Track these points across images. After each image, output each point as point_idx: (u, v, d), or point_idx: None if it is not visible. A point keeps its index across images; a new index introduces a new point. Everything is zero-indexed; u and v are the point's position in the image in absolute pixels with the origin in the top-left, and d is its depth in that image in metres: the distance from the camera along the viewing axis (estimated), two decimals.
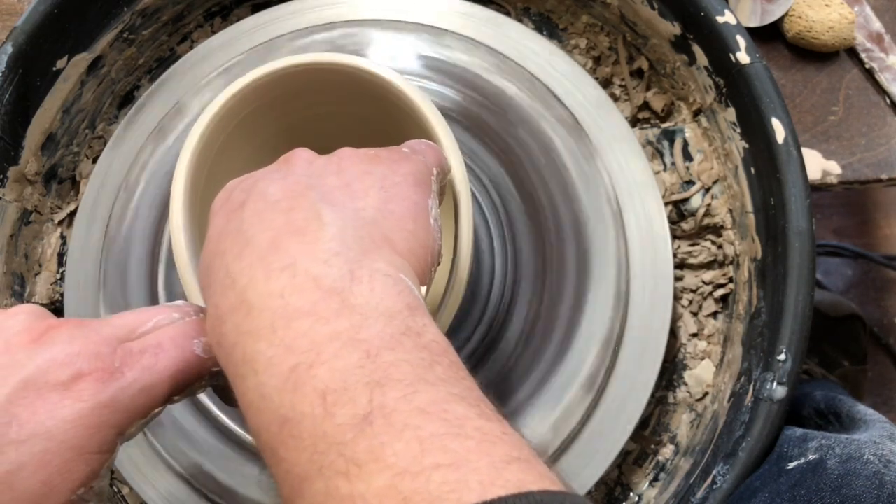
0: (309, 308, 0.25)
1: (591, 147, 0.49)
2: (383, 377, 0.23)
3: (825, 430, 0.48)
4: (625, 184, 0.48)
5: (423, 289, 0.30)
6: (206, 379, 0.31)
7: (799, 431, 0.41)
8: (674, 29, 0.50)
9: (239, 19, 0.56)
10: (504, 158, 0.49)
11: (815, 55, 0.60)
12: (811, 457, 0.39)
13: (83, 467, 0.27)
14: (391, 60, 0.51)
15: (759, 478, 0.40)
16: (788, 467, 0.39)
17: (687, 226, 0.51)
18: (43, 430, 0.26)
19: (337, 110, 0.44)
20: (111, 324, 0.31)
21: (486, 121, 0.49)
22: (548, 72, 0.51)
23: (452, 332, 0.46)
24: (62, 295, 0.53)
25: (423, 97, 0.39)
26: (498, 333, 0.47)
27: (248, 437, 0.46)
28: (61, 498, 0.27)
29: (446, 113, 0.43)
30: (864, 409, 0.49)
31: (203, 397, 0.47)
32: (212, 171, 0.41)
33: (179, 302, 0.34)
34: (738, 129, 0.48)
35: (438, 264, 0.32)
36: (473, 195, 0.48)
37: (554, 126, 0.49)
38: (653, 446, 0.50)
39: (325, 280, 0.26)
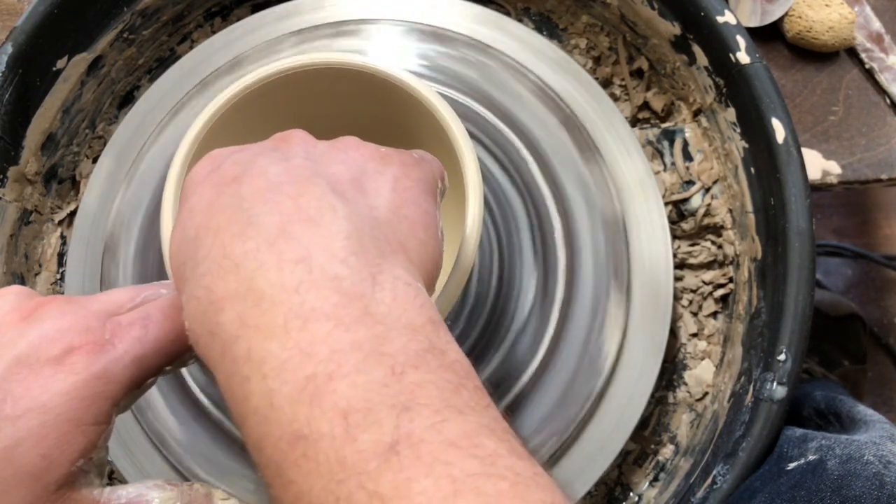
0: (329, 310, 0.23)
1: (591, 146, 0.49)
2: (410, 400, 0.21)
3: (825, 430, 0.48)
4: (625, 184, 0.48)
5: None
6: None
7: (799, 432, 0.41)
8: (674, 29, 0.50)
9: (239, 19, 0.56)
10: (503, 157, 0.49)
11: (815, 55, 0.60)
12: (811, 457, 0.39)
13: (81, 439, 0.27)
14: (393, 61, 0.51)
15: (758, 478, 0.40)
16: (788, 468, 0.39)
17: (687, 226, 0.51)
18: (38, 405, 0.26)
19: (342, 110, 0.44)
20: (100, 299, 0.30)
21: (486, 118, 0.49)
22: (548, 72, 0.51)
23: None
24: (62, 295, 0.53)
25: (439, 98, 0.39)
26: (493, 333, 0.46)
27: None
28: (61, 470, 0.27)
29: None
30: (864, 410, 0.49)
31: (204, 398, 0.47)
32: None
33: (167, 280, 0.33)
34: (738, 129, 0.48)
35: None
36: None
37: (555, 126, 0.49)
38: (653, 446, 0.50)
39: (345, 282, 0.24)
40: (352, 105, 0.43)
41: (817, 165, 0.57)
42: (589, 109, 0.50)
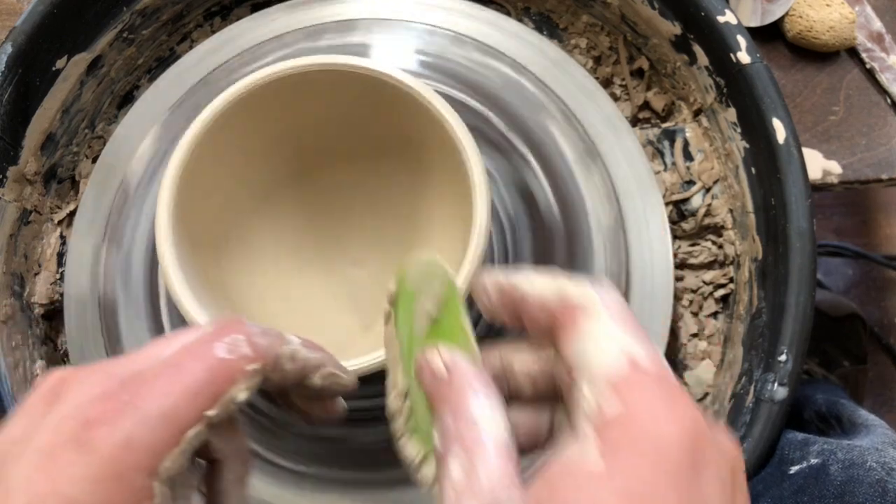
0: None
1: (591, 146, 0.49)
2: None
3: (826, 433, 0.48)
4: (625, 184, 0.48)
5: None
6: (244, 382, 0.27)
7: (800, 436, 0.41)
8: (674, 29, 0.50)
9: (239, 19, 0.56)
10: (503, 155, 0.49)
11: (815, 55, 0.60)
12: (813, 461, 0.39)
13: None
14: (395, 60, 0.51)
15: (760, 481, 0.40)
16: (791, 472, 0.39)
17: (687, 226, 0.51)
18: (66, 500, 0.23)
19: (343, 112, 0.44)
20: (132, 359, 0.27)
21: (487, 118, 0.49)
22: (548, 71, 0.51)
23: None
24: (61, 295, 0.53)
25: (443, 102, 0.39)
26: (496, 337, 0.46)
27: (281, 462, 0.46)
28: None
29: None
30: (865, 414, 0.49)
31: None
32: (204, 172, 0.41)
33: (227, 320, 0.29)
34: (739, 130, 0.48)
35: None
36: None
37: (555, 125, 0.49)
38: None
39: None
40: (353, 107, 0.43)
41: (818, 165, 0.57)
42: (589, 109, 0.50)
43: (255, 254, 0.47)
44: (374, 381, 0.46)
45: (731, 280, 0.50)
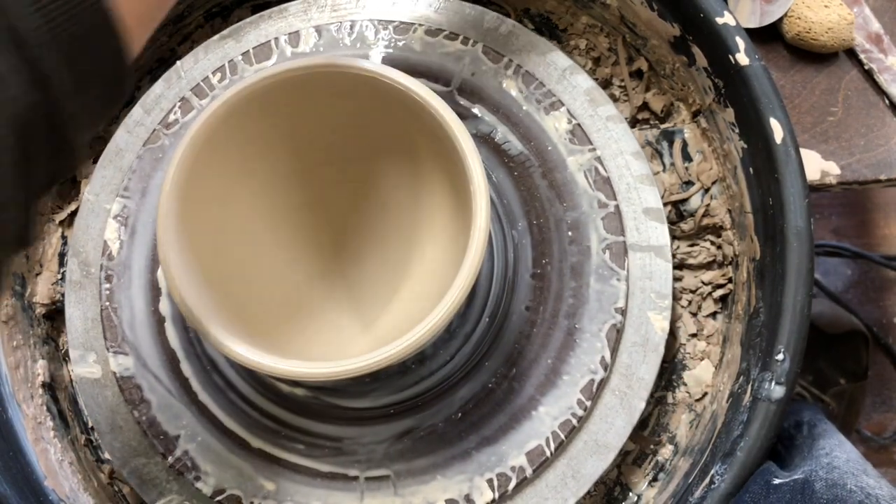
0: None
1: (590, 147, 0.49)
2: None
3: (792, 439, 0.48)
4: (624, 184, 0.49)
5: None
6: None
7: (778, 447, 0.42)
8: (673, 30, 0.50)
9: (240, 20, 0.56)
10: (502, 155, 0.49)
11: (814, 56, 0.60)
12: (797, 475, 0.39)
13: None
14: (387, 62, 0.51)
15: (746, 492, 0.40)
16: (775, 482, 0.39)
17: (686, 226, 0.51)
18: None
19: (343, 112, 0.44)
20: None
21: (485, 119, 0.49)
22: (548, 72, 0.51)
23: (448, 340, 0.47)
24: (62, 295, 0.53)
25: (442, 103, 0.39)
26: (496, 336, 0.47)
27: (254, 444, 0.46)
28: None
29: None
30: (827, 441, 0.49)
31: (220, 412, 0.47)
32: (206, 170, 0.41)
33: None
34: (737, 130, 0.48)
35: None
36: None
37: (554, 125, 0.49)
38: (652, 446, 0.50)
39: None
40: (354, 108, 0.43)
41: (816, 166, 0.57)
42: (587, 109, 0.50)
43: (255, 253, 0.47)
44: (374, 380, 0.47)
45: (730, 280, 0.51)
